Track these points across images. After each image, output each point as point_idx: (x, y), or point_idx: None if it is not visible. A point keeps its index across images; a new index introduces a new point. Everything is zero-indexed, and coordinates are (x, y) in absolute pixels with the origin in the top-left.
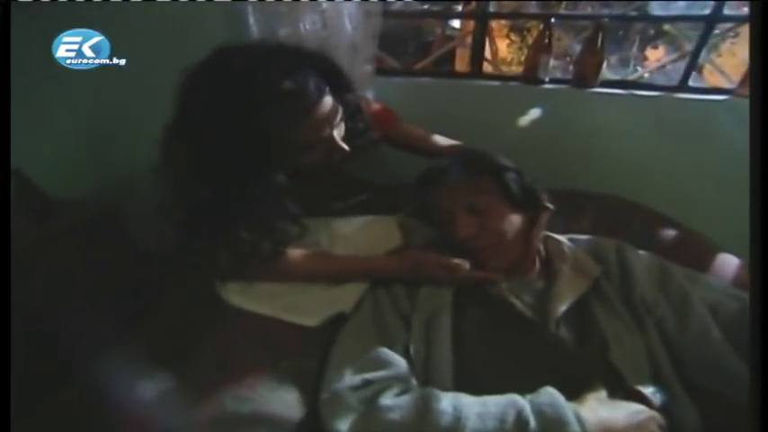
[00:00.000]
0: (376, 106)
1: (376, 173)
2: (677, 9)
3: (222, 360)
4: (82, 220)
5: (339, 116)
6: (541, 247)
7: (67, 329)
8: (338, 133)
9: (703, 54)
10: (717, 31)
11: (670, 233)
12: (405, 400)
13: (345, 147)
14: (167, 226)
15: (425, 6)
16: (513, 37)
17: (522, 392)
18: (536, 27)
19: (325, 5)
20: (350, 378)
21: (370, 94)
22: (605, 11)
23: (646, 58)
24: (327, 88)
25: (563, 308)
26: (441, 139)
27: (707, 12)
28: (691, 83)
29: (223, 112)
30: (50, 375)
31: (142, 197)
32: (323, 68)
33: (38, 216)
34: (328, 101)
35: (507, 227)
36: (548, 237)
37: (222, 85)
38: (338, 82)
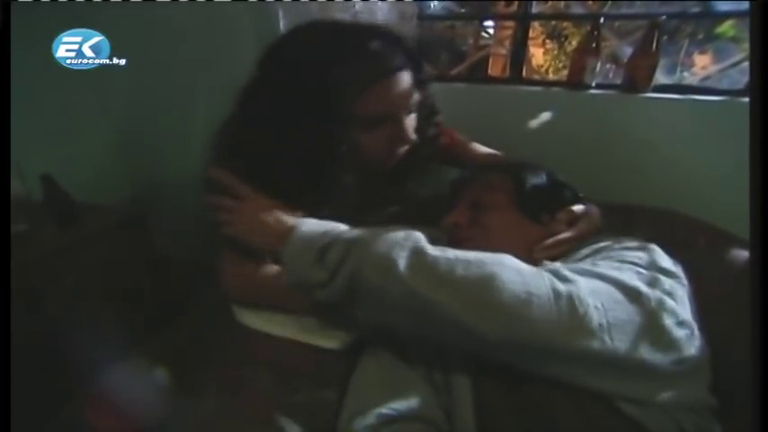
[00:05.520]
0: None
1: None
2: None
3: (230, 391)
4: (102, 225)
5: (413, 100)
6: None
7: (88, 335)
8: (409, 121)
9: None
10: None
11: (742, 255)
12: None
13: (413, 135)
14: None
15: (462, 10)
16: (549, 44)
17: None
18: (574, 33)
19: (358, 7)
20: (369, 415)
21: None
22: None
23: (693, 64)
24: (411, 71)
25: None
26: (489, 152)
27: None
28: None
29: (306, 69)
30: (68, 381)
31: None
32: (411, 53)
33: (62, 220)
34: (408, 77)
35: (500, 227)
36: None
37: (308, 50)
38: (421, 74)
